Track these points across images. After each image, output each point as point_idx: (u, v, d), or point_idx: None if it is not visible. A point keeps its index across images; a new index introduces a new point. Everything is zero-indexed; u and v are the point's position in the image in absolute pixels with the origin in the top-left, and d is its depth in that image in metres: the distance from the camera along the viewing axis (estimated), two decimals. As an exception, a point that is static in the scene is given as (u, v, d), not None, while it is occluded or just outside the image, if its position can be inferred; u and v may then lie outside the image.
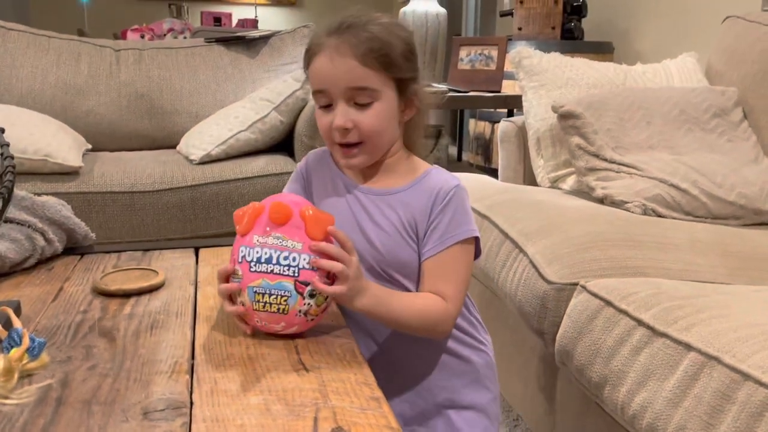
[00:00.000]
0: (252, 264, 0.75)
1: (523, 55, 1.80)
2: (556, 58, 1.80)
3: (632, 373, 0.91)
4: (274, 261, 0.75)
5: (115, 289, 0.94)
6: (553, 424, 1.24)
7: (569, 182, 1.68)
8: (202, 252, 1.16)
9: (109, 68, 2.43)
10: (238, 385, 0.69)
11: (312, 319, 0.78)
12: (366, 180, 0.91)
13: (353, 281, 0.76)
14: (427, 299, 0.84)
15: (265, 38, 2.58)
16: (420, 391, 0.92)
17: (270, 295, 0.75)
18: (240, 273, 0.77)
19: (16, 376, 0.67)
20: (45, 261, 1.08)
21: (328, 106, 0.85)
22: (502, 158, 1.94)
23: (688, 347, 0.84)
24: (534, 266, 1.20)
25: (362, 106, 0.83)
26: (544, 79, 1.76)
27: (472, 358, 0.93)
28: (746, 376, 0.75)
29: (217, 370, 0.72)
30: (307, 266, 0.75)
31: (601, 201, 1.48)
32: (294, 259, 0.75)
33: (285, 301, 0.75)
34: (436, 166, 0.91)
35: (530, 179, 1.84)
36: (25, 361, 0.70)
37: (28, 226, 1.04)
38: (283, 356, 0.76)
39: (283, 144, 2.26)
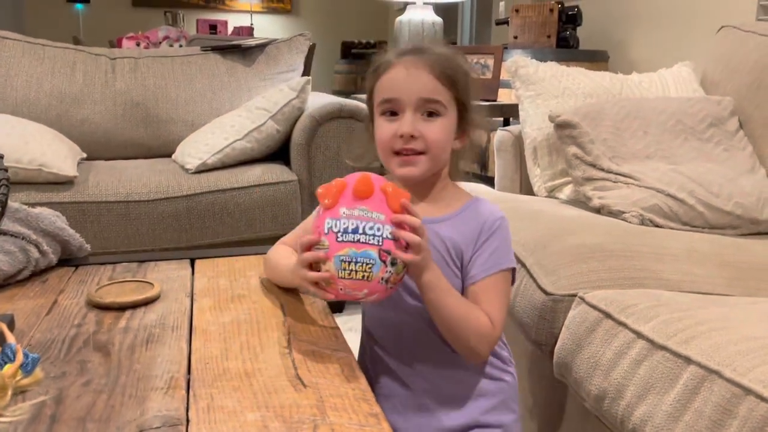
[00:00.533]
0: (339, 234, 0.80)
1: (520, 64, 1.80)
2: (552, 67, 1.80)
3: (632, 386, 0.90)
4: (360, 231, 0.79)
5: (109, 302, 0.93)
6: (551, 436, 1.23)
7: (566, 192, 1.68)
8: (198, 263, 1.15)
9: (105, 77, 2.42)
10: (235, 402, 0.68)
11: (391, 287, 0.82)
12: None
13: (425, 252, 0.80)
14: (480, 313, 0.86)
15: (261, 47, 2.58)
16: (449, 410, 0.92)
17: (356, 263, 0.79)
18: (327, 243, 0.80)
19: (9, 392, 0.67)
20: (39, 273, 1.07)
21: (392, 116, 0.89)
22: (498, 167, 1.94)
23: (688, 360, 0.84)
24: (532, 277, 1.19)
25: (429, 119, 0.88)
26: (541, 88, 1.76)
27: (503, 379, 0.94)
28: (747, 391, 0.75)
29: (213, 386, 0.71)
30: (389, 236, 0.80)
31: (598, 211, 1.48)
32: (378, 230, 0.79)
33: (370, 268, 0.79)
34: (480, 196, 0.94)
35: (527, 188, 1.84)
36: (18, 378, 0.69)
37: (22, 238, 1.03)
38: (280, 371, 0.75)
39: (280, 153, 2.25)
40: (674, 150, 1.54)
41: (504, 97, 2.87)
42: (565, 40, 3.14)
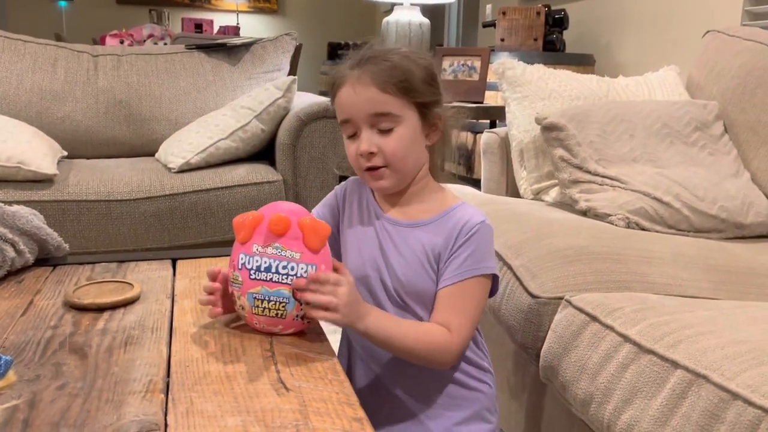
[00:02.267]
0: (252, 272, 0.79)
1: (507, 66, 1.79)
2: (539, 69, 1.80)
3: (618, 390, 0.90)
4: (273, 270, 0.78)
5: (88, 303, 0.90)
6: (536, 440, 1.22)
7: (552, 194, 1.68)
8: (180, 264, 1.13)
9: (87, 74, 2.38)
10: (215, 406, 0.66)
11: (308, 322, 0.82)
12: (396, 211, 0.93)
13: (345, 308, 0.78)
14: (431, 329, 0.85)
15: (247, 45, 2.56)
16: (421, 418, 0.91)
17: (269, 301, 0.79)
18: (240, 279, 0.80)
19: (-20, 396, 0.64)
20: (15, 273, 1.04)
21: (353, 136, 0.89)
22: (484, 169, 1.93)
23: (675, 365, 0.83)
24: (518, 279, 1.18)
25: (385, 132, 0.87)
26: (528, 90, 1.75)
27: (479, 389, 0.93)
28: (735, 395, 0.74)
29: (193, 390, 0.69)
30: (304, 275, 0.79)
31: (584, 213, 1.48)
32: (292, 269, 0.78)
33: (283, 307, 0.79)
34: (464, 201, 0.93)
35: (513, 191, 1.83)
36: (-10, 381, 0.67)
37: (-2, 237, 1.01)
38: (262, 374, 0.73)
39: (264, 153, 2.23)
40: (660, 153, 1.54)
41: (490, 99, 2.87)
42: (551, 44, 3.14)
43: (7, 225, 1.02)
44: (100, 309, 0.90)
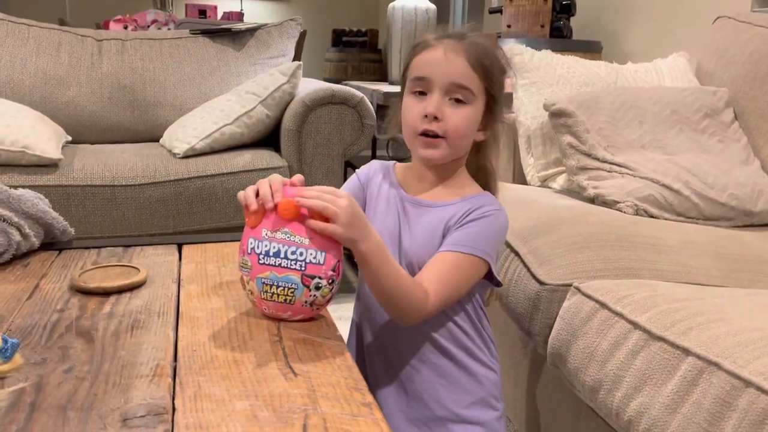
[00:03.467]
0: (261, 256, 0.78)
1: (515, 52, 1.77)
2: (547, 55, 1.78)
3: (628, 377, 0.89)
4: (282, 255, 0.78)
5: (94, 287, 0.90)
6: (543, 428, 1.22)
7: (559, 181, 1.67)
8: (186, 248, 1.12)
9: (91, 58, 2.37)
10: (223, 390, 0.66)
11: (317, 309, 0.82)
12: (418, 190, 0.94)
13: (345, 219, 0.75)
14: (415, 286, 0.83)
15: (252, 31, 2.54)
16: (427, 401, 0.92)
17: (278, 286, 0.78)
18: (249, 264, 0.80)
19: (-14, 379, 0.64)
20: (21, 257, 1.04)
21: (421, 94, 0.89)
22: (491, 156, 1.91)
23: (686, 352, 0.82)
24: (526, 266, 1.18)
25: (456, 103, 0.87)
26: (536, 76, 1.74)
27: (486, 376, 0.93)
28: (747, 383, 0.73)
29: (200, 374, 0.69)
30: (313, 261, 0.78)
31: (592, 200, 1.46)
32: (301, 254, 0.78)
33: (292, 292, 0.78)
34: (489, 193, 0.94)
35: (520, 178, 1.82)
36: (-4, 364, 0.66)
37: (3, 220, 1.00)
38: (270, 359, 0.73)
39: (269, 139, 2.22)
40: (669, 140, 1.52)
41: (496, 86, 2.84)
42: (558, 30, 3.11)
43: (12, 209, 1.02)
44: (106, 293, 0.90)
